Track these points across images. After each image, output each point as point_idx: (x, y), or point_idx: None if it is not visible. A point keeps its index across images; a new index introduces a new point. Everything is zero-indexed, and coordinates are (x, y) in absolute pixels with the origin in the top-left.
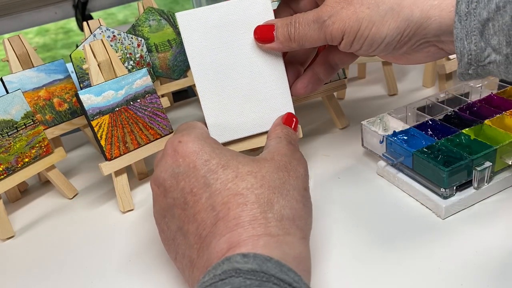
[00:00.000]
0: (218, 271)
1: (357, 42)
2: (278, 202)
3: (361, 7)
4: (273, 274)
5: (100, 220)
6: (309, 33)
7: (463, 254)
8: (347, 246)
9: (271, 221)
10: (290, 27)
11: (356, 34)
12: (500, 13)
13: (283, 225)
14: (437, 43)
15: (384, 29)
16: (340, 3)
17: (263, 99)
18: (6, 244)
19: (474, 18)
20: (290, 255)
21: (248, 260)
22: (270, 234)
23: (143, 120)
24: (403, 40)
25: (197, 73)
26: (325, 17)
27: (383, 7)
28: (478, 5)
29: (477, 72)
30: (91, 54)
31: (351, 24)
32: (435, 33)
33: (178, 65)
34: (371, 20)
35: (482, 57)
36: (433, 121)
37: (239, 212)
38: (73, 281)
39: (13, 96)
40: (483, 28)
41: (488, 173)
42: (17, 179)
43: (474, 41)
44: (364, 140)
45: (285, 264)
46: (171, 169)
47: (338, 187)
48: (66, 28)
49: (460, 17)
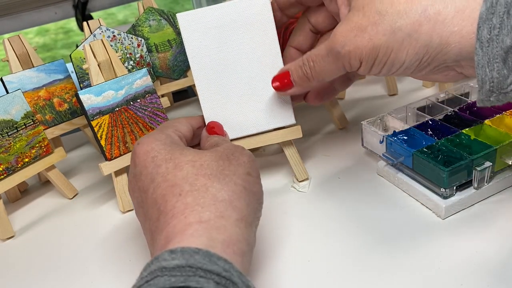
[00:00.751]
0: (145, 273)
1: (376, 67)
2: (213, 186)
3: (377, 35)
4: (200, 267)
5: (100, 220)
6: (326, 67)
7: (463, 254)
8: (347, 246)
9: (204, 206)
10: (305, 68)
11: (374, 60)
12: None
13: (216, 208)
14: (457, 68)
15: (402, 55)
16: (352, 31)
17: (262, 99)
18: (6, 244)
19: (496, 45)
20: (218, 239)
21: (175, 256)
22: (200, 221)
23: (143, 120)
24: (422, 65)
25: (197, 73)
26: (339, 48)
27: (400, 34)
28: (501, 32)
29: (498, 99)
30: (91, 54)
31: (368, 52)
32: (455, 58)
33: (178, 65)
34: (389, 47)
35: (505, 85)
36: (433, 121)
37: (174, 203)
38: (73, 281)
39: (13, 96)
40: (506, 56)
41: (488, 173)
42: (17, 179)
43: (496, 68)
44: (364, 140)
45: (214, 254)
46: (132, 171)
47: (338, 187)
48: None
49: (481, 44)
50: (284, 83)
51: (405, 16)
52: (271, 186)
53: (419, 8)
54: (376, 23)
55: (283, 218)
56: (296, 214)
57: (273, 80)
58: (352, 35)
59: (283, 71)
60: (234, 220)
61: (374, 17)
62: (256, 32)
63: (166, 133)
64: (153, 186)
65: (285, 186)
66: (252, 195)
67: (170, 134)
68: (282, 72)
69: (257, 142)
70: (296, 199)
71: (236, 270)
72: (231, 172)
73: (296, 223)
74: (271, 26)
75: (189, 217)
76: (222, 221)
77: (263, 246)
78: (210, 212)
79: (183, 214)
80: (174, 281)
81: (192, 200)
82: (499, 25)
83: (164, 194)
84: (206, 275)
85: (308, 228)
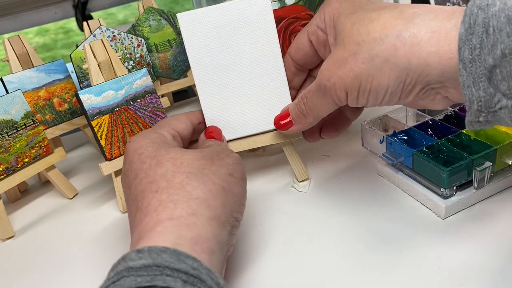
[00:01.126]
0: (112, 273)
1: (362, 97)
2: (189, 184)
3: (357, 63)
4: (167, 266)
5: (100, 220)
6: (318, 102)
7: (463, 254)
8: (347, 246)
9: (177, 203)
10: (300, 105)
11: (358, 89)
12: (506, 59)
13: (189, 205)
14: (442, 91)
15: (384, 80)
16: (335, 64)
17: (262, 99)
18: (6, 244)
19: (480, 65)
20: (187, 237)
21: (142, 256)
22: (171, 218)
23: (143, 120)
24: (407, 89)
25: (197, 73)
26: (325, 82)
27: (378, 60)
28: (482, 51)
29: (487, 119)
30: (91, 54)
31: (351, 81)
32: (438, 79)
33: (178, 65)
34: (370, 74)
35: (493, 103)
36: (433, 121)
37: (149, 200)
38: (73, 281)
39: (13, 96)
40: (491, 75)
41: (488, 173)
42: (17, 179)
43: (482, 87)
44: (364, 140)
45: (182, 252)
46: (123, 168)
47: (338, 187)
48: (66, 28)
49: (464, 64)
50: (285, 122)
51: (381, 43)
52: (271, 186)
53: (394, 33)
54: (355, 53)
55: (283, 218)
56: (296, 214)
57: (275, 120)
58: (335, 67)
59: (284, 111)
60: (206, 218)
61: (353, 48)
62: (257, 32)
63: (158, 132)
64: (135, 183)
65: (285, 186)
66: (231, 196)
67: (163, 133)
68: (283, 112)
69: (257, 142)
70: (296, 199)
71: (205, 268)
72: (211, 172)
73: (296, 223)
74: (272, 26)
75: (161, 214)
76: (193, 219)
77: (263, 246)
78: (182, 209)
79: (156, 211)
80: (141, 281)
81: (166, 197)
82: (480, 45)
83: (143, 190)
84: (173, 274)
85: (308, 228)
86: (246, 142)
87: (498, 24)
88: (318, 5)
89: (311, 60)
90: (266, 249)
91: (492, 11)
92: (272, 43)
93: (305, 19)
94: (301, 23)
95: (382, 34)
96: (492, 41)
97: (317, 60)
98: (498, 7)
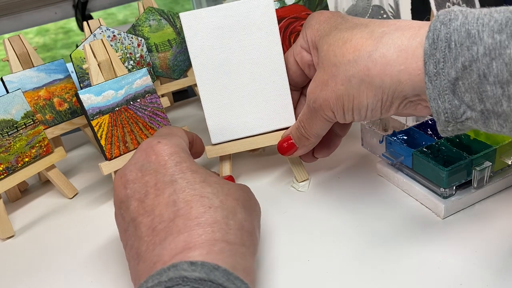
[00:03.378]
0: (163, 278)
1: (347, 114)
2: (241, 213)
3: (336, 85)
4: (221, 283)
5: (100, 220)
6: (312, 123)
7: (463, 254)
8: (347, 246)
9: (232, 228)
10: (299, 129)
11: (343, 108)
12: (467, 71)
13: (241, 235)
14: (422, 102)
15: (363, 99)
16: (318, 87)
17: (263, 100)
18: (6, 244)
19: (443, 78)
20: (241, 265)
21: (195, 268)
22: (227, 241)
23: (143, 120)
24: (386, 105)
25: (199, 73)
26: (312, 104)
27: (354, 80)
28: (445, 65)
29: (457, 128)
30: (91, 54)
31: (334, 102)
32: (413, 93)
33: (178, 65)
34: (350, 94)
35: (459, 114)
36: (433, 121)
37: (201, 213)
38: (73, 281)
39: (13, 96)
40: (454, 87)
41: (488, 173)
42: (17, 178)
43: (448, 99)
44: (364, 140)
45: (232, 273)
46: (141, 163)
47: (338, 187)
48: (66, 28)
49: (430, 78)
50: (289, 146)
51: (355, 64)
52: (271, 186)
53: (365, 54)
54: (334, 75)
55: (283, 218)
56: (296, 214)
57: (278, 145)
58: (318, 90)
59: (285, 136)
60: (251, 253)
61: (331, 70)
62: (259, 33)
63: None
64: (173, 188)
65: (285, 186)
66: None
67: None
68: (285, 136)
69: (257, 142)
70: (296, 199)
71: None
72: (252, 209)
73: (295, 223)
74: (274, 28)
75: (217, 233)
76: (244, 249)
77: (262, 246)
78: (235, 237)
79: (211, 227)
80: None
81: (221, 218)
82: (443, 59)
83: (189, 200)
84: None
85: (308, 228)
86: (246, 142)
87: (459, 38)
88: (318, 5)
89: (300, 79)
90: (265, 248)
91: (454, 26)
92: (274, 45)
93: (305, 19)
94: (301, 23)
95: (355, 56)
96: (454, 54)
97: (305, 79)
98: (459, 21)
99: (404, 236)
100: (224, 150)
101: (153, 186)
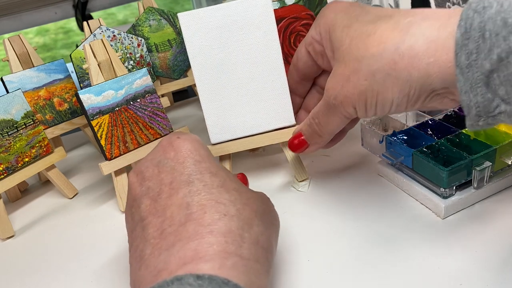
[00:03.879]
0: None
1: (370, 110)
2: (257, 226)
3: (359, 80)
4: None
5: (100, 220)
6: (329, 120)
7: (463, 253)
8: (346, 245)
9: (246, 241)
10: (312, 126)
11: (365, 104)
12: (503, 63)
13: (256, 250)
14: (449, 95)
15: (388, 94)
16: (339, 82)
17: (262, 100)
18: (6, 244)
19: (476, 70)
20: (256, 284)
21: (202, 283)
22: (241, 256)
23: (143, 119)
24: (412, 99)
25: (198, 73)
26: (332, 101)
27: (379, 75)
28: (478, 56)
29: (488, 122)
30: (91, 54)
31: (357, 98)
32: (442, 86)
33: (178, 65)
34: (374, 90)
35: (491, 108)
36: (433, 121)
37: (215, 220)
38: (73, 280)
39: (13, 96)
40: (488, 80)
41: (488, 173)
42: (17, 178)
43: (480, 92)
44: (364, 140)
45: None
46: (159, 159)
47: (338, 187)
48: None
49: (461, 70)
50: (299, 144)
51: (380, 58)
52: (271, 186)
53: (391, 47)
54: (356, 70)
55: (282, 218)
56: (296, 214)
57: (289, 143)
58: (339, 86)
59: (296, 132)
60: (265, 271)
61: (353, 65)
62: (258, 33)
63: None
64: (189, 189)
65: (285, 186)
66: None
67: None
68: (295, 133)
69: (257, 142)
70: (296, 199)
71: None
72: (271, 222)
73: (295, 223)
74: (273, 27)
75: (230, 245)
76: (258, 266)
77: None
78: (249, 252)
79: (225, 237)
80: None
81: (236, 229)
82: (476, 50)
83: (203, 204)
84: None
85: (308, 227)
86: (246, 142)
87: (494, 27)
88: (318, 5)
89: (312, 70)
90: None
91: (489, 14)
92: (273, 44)
93: (305, 19)
94: (301, 23)
95: (380, 49)
96: (489, 45)
97: (318, 69)
98: (494, 10)
99: (404, 236)
100: (223, 149)
101: (168, 184)
